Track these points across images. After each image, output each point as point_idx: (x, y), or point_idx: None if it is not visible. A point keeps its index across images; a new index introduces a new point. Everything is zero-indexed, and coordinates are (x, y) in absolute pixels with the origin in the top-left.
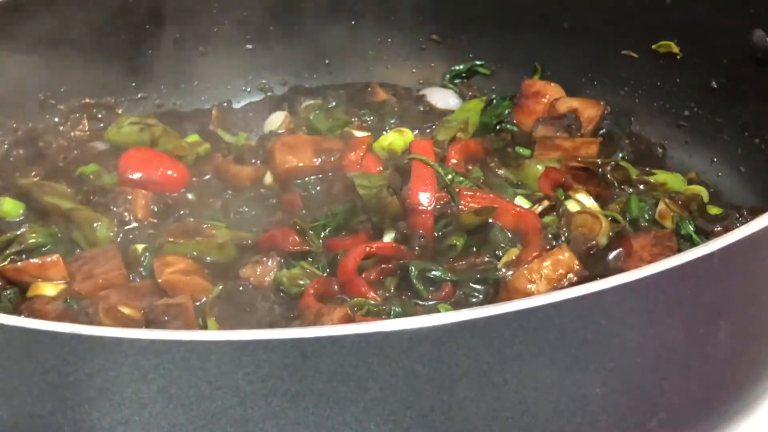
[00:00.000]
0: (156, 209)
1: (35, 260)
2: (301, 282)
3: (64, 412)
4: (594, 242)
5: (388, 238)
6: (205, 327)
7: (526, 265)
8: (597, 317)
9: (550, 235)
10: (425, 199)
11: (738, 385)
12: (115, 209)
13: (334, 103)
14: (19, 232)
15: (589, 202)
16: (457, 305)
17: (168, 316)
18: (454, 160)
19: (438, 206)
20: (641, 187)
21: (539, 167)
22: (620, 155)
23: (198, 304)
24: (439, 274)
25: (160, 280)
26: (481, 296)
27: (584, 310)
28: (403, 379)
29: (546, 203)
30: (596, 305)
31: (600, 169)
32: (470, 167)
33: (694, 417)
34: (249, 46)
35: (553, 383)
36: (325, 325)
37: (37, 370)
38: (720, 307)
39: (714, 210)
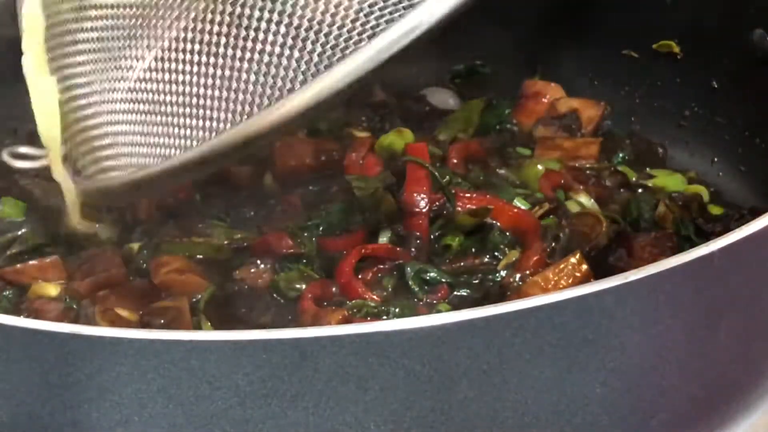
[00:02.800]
0: (159, 210)
1: (34, 262)
2: (298, 285)
3: (64, 412)
4: (594, 243)
5: (384, 238)
6: (199, 328)
7: (540, 272)
8: (597, 317)
9: (550, 236)
10: (420, 201)
11: (738, 385)
12: (118, 209)
13: None
14: (20, 233)
15: (590, 203)
16: (456, 306)
17: (164, 318)
18: (454, 161)
19: (434, 207)
20: (640, 191)
21: (539, 167)
22: (621, 155)
23: (194, 300)
24: (435, 275)
25: (156, 282)
26: (478, 296)
27: (584, 310)
28: (403, 379)
29: (546, 206)
30: (596, 305)
31: (598, 175)
32: (470, 167)
33: (694, 417)
34: None
35: (553, 383)
36: None
37: (37, 370)
38: (720, 307)
39: (714, 210)
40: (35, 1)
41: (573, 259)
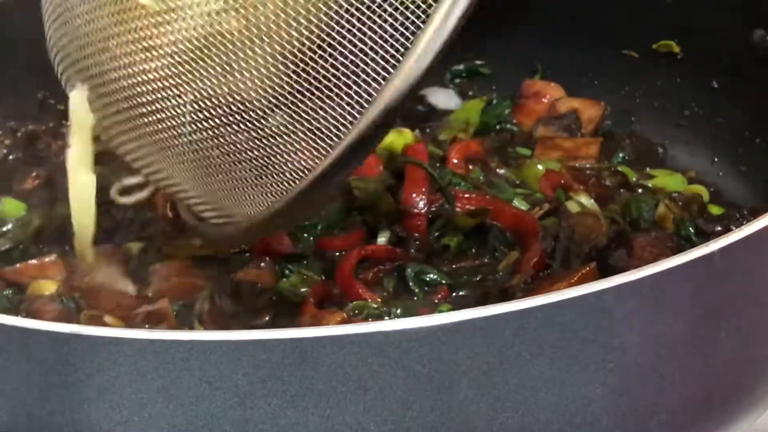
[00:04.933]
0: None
1: (34, 261)
2: (303, 290)
3: (64, 413)
4: (594, 243)
5: (383, 238)
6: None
7: (554, 285)
8: (597, 317)
9: (550, 237)
10: (418, 202)
11: (738, 385)
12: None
13: None
14: (9, 226)
15: (590, 203)
16: (456, 306)
17: (149, 323)
18: (454, 161)
19: (433, 208)
20: (640, 191)
21: (539, 167)
22: (621, 155)
23: (184, 304)
24: (435, 276)
25: (151, 290)
26: (478, 296)
27: (584, 310)
28: (403, 379)
29: (546, 206)
30: (596, 305)
31: (598, 175)
32: (471, 167)
33: (694, 417)
34: None
35: (553, 383)
36: None
37: (37, 370)
38: (720, 307)
39: (715, 209)
40: (81, 98)
41: (586, 270)
